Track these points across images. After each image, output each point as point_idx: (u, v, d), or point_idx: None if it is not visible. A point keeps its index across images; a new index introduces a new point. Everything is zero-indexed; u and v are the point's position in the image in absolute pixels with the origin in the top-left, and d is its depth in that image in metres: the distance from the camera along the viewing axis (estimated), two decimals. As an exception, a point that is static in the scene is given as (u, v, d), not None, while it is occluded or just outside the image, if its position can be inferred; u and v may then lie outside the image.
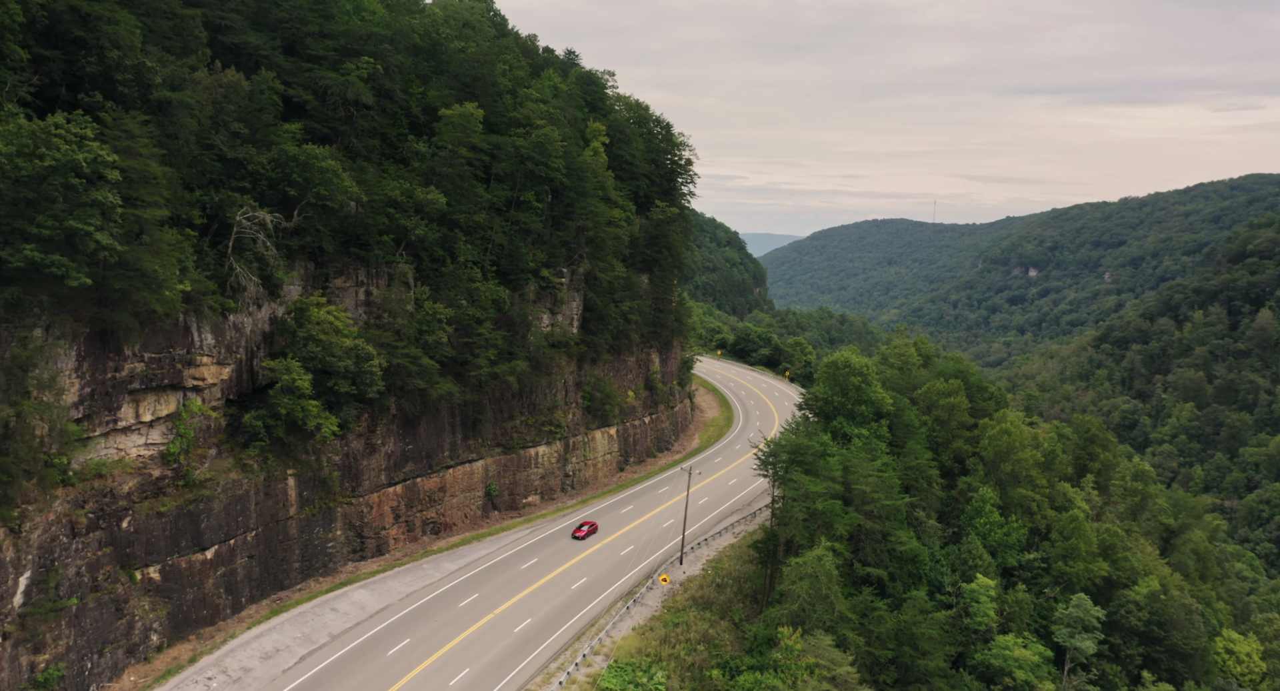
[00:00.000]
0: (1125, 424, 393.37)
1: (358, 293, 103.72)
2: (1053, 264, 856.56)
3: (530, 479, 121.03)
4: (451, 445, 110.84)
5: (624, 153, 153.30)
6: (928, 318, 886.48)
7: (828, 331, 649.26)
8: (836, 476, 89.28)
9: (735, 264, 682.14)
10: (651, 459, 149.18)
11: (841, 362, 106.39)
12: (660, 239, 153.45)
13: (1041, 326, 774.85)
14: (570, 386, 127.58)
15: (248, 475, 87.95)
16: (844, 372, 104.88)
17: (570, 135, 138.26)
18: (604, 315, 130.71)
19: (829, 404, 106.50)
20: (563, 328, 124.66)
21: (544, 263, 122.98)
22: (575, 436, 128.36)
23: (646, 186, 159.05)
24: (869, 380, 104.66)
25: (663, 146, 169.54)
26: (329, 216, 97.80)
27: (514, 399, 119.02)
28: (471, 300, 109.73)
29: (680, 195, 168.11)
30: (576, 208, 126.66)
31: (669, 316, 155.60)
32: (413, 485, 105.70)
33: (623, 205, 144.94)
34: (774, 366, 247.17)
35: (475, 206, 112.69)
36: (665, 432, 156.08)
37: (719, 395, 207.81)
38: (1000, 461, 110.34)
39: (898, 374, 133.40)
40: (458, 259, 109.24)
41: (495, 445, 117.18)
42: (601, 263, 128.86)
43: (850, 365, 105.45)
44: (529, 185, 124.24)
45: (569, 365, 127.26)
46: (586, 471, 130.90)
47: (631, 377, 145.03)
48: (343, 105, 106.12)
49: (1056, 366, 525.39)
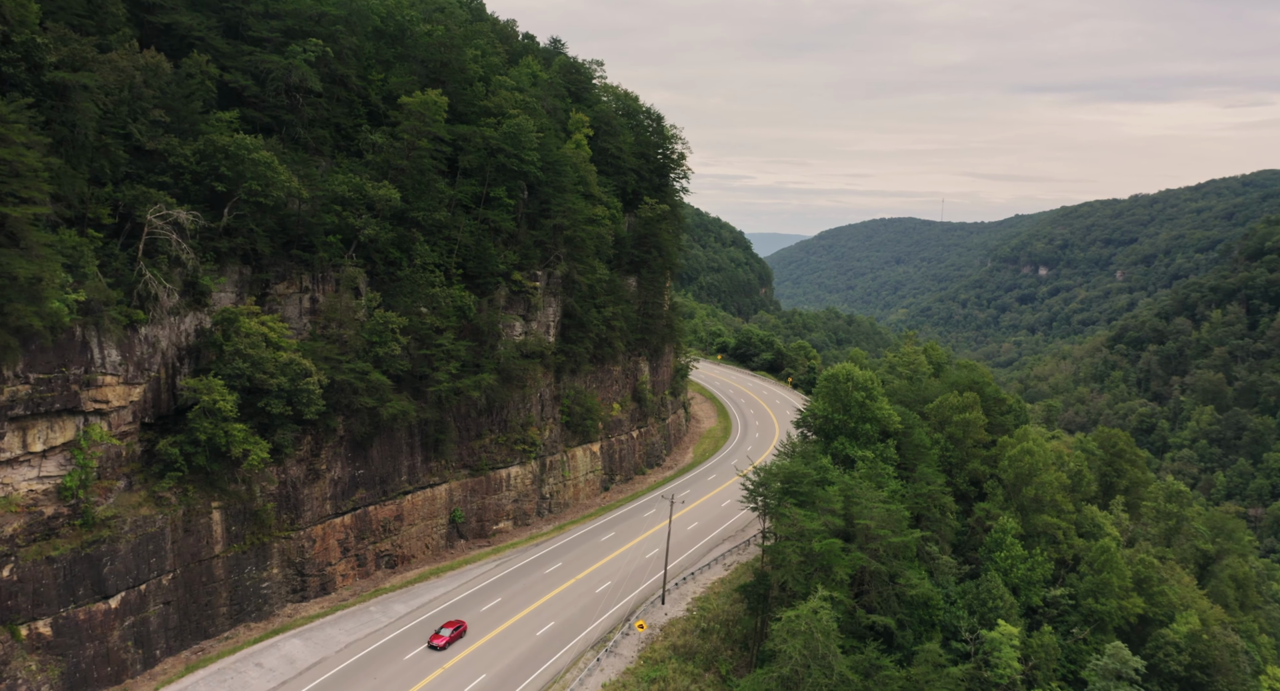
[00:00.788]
0: (1143, 427, 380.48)
1: (302, 300, 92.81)
2: (1063, 262, 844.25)
3: (501, 503, 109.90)
4: (410, 468, 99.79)
5: (610, 146, 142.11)
6: (936, 317, 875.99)
7: (835, 332, 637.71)
8: (836, 509, 78.05)
9: (740, 264, 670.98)
10: (640, 476, 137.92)
11: (843, 375, 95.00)
12: (649, 238, 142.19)
13: (1052, 326, 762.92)
14: (547, 400, 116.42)
15: (163, 510, 77.00)
16: (846, 387, 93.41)
17: (549, 126, 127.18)
18: (584, 322, 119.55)
19: (829, 422, 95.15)
20: (537, 336, 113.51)
21: (516, 265, 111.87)
22: (552, 455, 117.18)
23: (635, 182, 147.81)
24: (874, 395, 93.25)
25: (654, 140, 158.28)
26: (265, 215, 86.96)
27: (482, 415, 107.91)
28: (432, 307, 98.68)
29: (672, 192, 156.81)
30: (553, 204, 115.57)
31: (659, 322, 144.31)
32: (364, 514, 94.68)
33: (607, 202, 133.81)
34: (776, 372, 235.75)
35: (435, 203, 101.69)
36: (656, 447, 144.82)
37: (717, 403, 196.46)
38: (1022, 485, 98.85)
39: (906, 385, 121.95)
40: (415, 262, 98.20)
41: (461, 467, 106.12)
42: (580, 264, 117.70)
43: (853, 378, 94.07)
44: (500, 180, 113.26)
45: (545, 377, 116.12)
46: (566, 493, 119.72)
47: (617, 389, 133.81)
48: (286, 92, 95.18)
49: (1070, 367, 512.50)
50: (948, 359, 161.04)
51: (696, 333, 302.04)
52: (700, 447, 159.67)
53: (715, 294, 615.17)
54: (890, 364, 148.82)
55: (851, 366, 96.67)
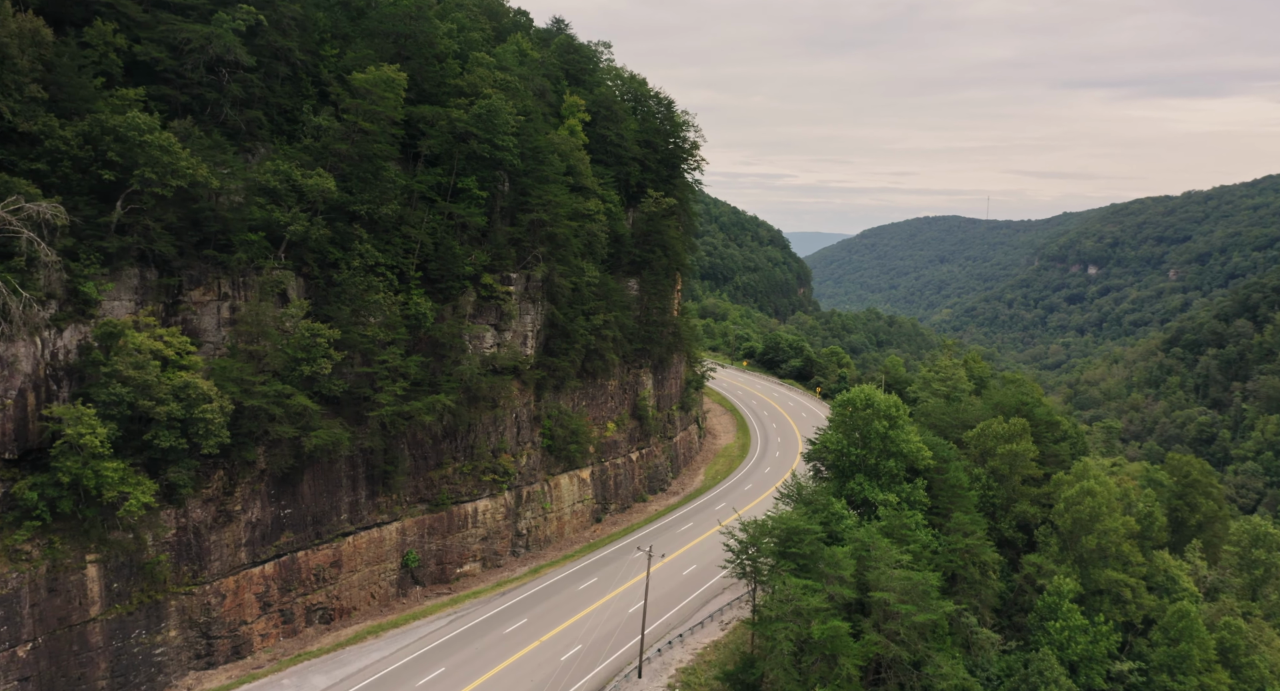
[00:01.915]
0: (1202, 438, 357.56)
1: (220, 309, 78.60)
2: (1113, 261, 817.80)
3: (466, 543, 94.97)
4: (351, 505, 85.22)
5: (609, 133, 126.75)
6: (981, 318, 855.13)
7: (875, 334, 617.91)
8: (846, 576, 62.15)
9: (778, 263, 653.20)
10: (640, 504, 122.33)
11: (861, 401, 78.64)
12: (652, 235, 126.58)
13: (1102, 327, 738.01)
14: (524, 422, 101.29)
15: (19, 566, 63.07)
16: (865, 415, 77.07)
17: (536, 110, 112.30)
18: (569, 331, 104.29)
19: (843, 458, 78.99)
20: (512, 349, 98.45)
21: (487, 266, 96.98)
22: (530, 485, 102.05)
23: (639, 174, 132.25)
24: (899, 424, 76.90)
25: (663, 127, 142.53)
26: (168, 209, 73.02)
27: (443, 441, 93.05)
28: (376, 317, 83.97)
29: (684, 184, 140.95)
30: (532, 196, 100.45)
31: (664, 329, 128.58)
32: (291, 562, 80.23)
33: (603, 195, 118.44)
34: (805, 380, 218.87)
35: (384, 194, 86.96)
36: (660, 470, 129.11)
37: (737, 416, 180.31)
38: (1081, 533, 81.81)
39: (942, 405, 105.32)
40: (354, 263, 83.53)
41: (417, 502, 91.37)
42: (563, 265, 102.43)
43: (873, 404, 77.84)
44: (471, 169, 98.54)
45: (522, 395, 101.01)
46: (547, 528, 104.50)
47: (612, 406, 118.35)
48: (209, 67, 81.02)
49: (1122, 372, 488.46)
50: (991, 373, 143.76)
51: (726, 336, 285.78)
52: (713, 469, 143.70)
53: (751, 294, 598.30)
54: (924, 379, 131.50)
55: (872, 389, 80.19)
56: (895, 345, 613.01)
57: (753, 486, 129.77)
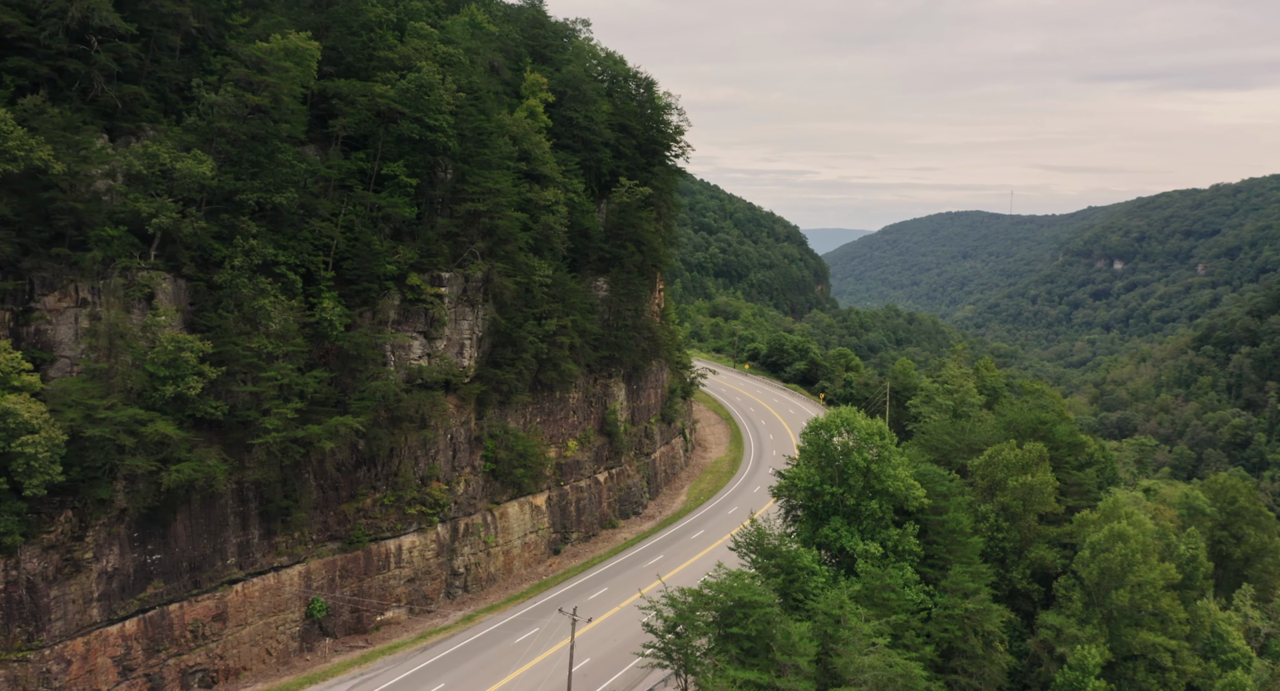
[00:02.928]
0: (1236, 441, 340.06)
1: (78, 318, 65.92)
2: (1139, 255, 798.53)
3: (389, 585, 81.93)
4: (241, 547, 72.34)
5: (577, 115, 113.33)
6: (1005, 314, 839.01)
7: (894, 332, 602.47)
8: (804, 665, 48.53)
9: (794, 260, 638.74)
10: (609, 531, 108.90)
11: (836, 424, 64.65)
12: (624, 229, 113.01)
13: (1129, 323, 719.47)
14: (460, 444, 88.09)
15: None
16: (841, 445, 63.00)
17: (485, 87, 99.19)
18: (515, 338, 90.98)
19: (815, 497, 65.09)
20: (445, 359, 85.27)
21: (415, 265, 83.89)
22: (469, 516, 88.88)
23: (611, 160, 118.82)
24: (886, 456, 62.84)
25: (642, 111, 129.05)
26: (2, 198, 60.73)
27: (357, 469, 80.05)
28: (266, 325, 70.98)
29: (663, 173, 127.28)
30: (469, 183, 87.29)
31: (638, 334, 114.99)
32: (161, 616, 67.44)
33: (565, 183, 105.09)
34: (810, 384, 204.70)
35: (280, 181, 73.94)
36: (634, 492, 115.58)
37: (732, 426, 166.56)
38: (1110, 586, 67.32)
39: (946, 424, 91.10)
40: (235, 262, 70.50)
41: (326, 539, 78.39)
42: (506, 262, 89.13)
43: (854, 427, 63.81)
44: (400, 153, 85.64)
45: (459, 413, 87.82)
46: (491, 564, 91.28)
47: (575, 421, 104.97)
48: (76, 35, 68.45)
49: (1150, 371, 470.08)
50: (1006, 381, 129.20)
51: (734, 336, 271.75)
52: (698, 487, 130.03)
53: (766, 292, 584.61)
54: (927, 393, 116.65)
55: (851, 413, 66.23)
56: (915, 343, 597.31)
57: (738, 509, 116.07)
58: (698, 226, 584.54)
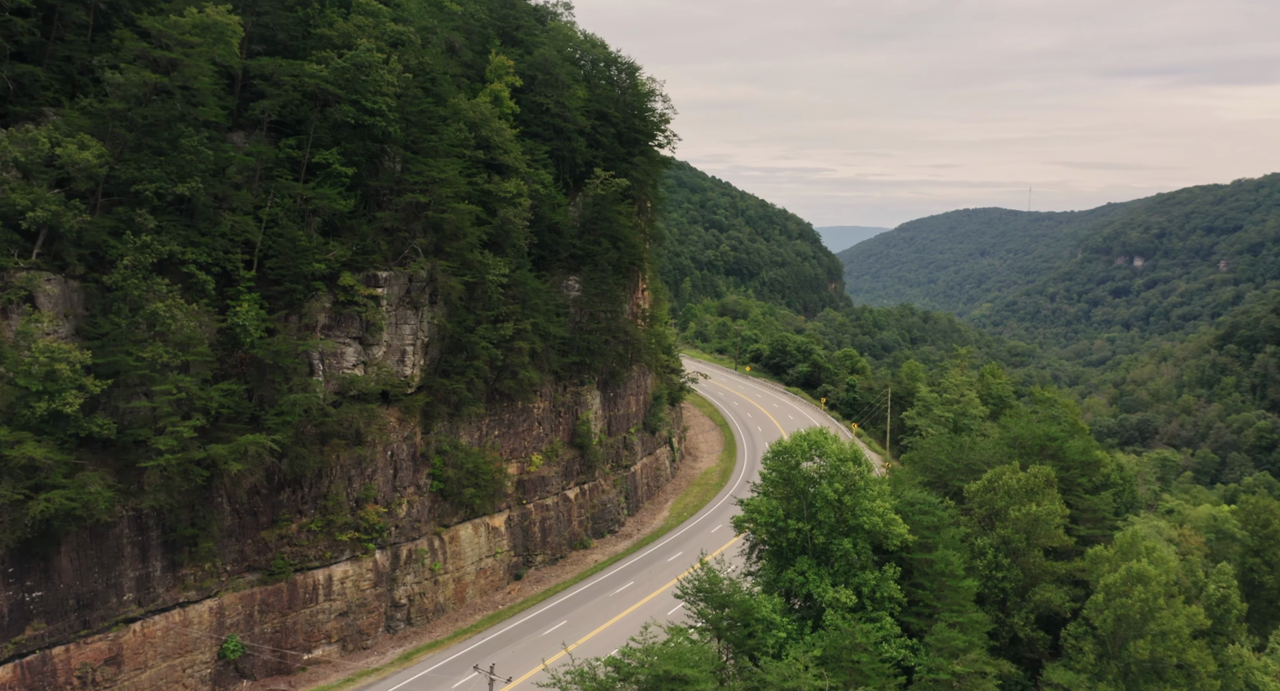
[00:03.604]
0: (1261, 445, 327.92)
1: (-52, 323, 57.92)
2: (1160, 252, 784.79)
3: (317, 621, 73.49)
4: (140, 580, 64.05)
5: (547, 101, 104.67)
6: (1022, 312, 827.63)
7: (909, 330, 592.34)
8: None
9: (807, 258, 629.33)
10: (580, 551, 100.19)
11: (805, 446, 55.36)
12: (598, 224, 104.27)
13: (1149, 321, 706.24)
14: (404, 461, 79.54)
15: None
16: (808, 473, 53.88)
17: (440, 68, 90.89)
18: (465, 344, 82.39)
19: (779, 533, 55.88)
20: (384, 368, 76.76)
21: (349, 263, 75.45)
22: (413, 541, 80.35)
23: (587, 150, 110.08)
24: (861, 487, 53.57)
25: (623, 97, 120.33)
26: None
27: (280, 492, 71.62)
28: (166, 330, 62.65)
29: (645, 164, 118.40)
30: (411, 173, 78.80)
31: (613, 337, 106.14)
32: (42, 661, 59.20)
33: (531, 174, 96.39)
34: (813, 388, 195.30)
35: (183, 170, 65.62)
36: (610, 508, 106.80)
37: (726, 432, 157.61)
38: (1128, 636, 57.82)
39: (944, 439, 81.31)
40: (125, 261, 62.17)
41: (243, 570, 70.00)
42: (451, 260, 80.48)
43: (824, 452, 54.56)
44: (337, 139, 77.38)
45: (402, 427, 79.28)
46: (439, 593, 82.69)
47: (540, 433, 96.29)
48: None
49: (1171, 370, 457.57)
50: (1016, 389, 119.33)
51: (739, 336, 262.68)
52: (683, 502, 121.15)
53: (778, 290, 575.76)
54: (924, 403, 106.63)
55: (820, 435, 56.90)
56: (930, 342, 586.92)
57: (722, 528, 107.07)
58: (708, 224, 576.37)
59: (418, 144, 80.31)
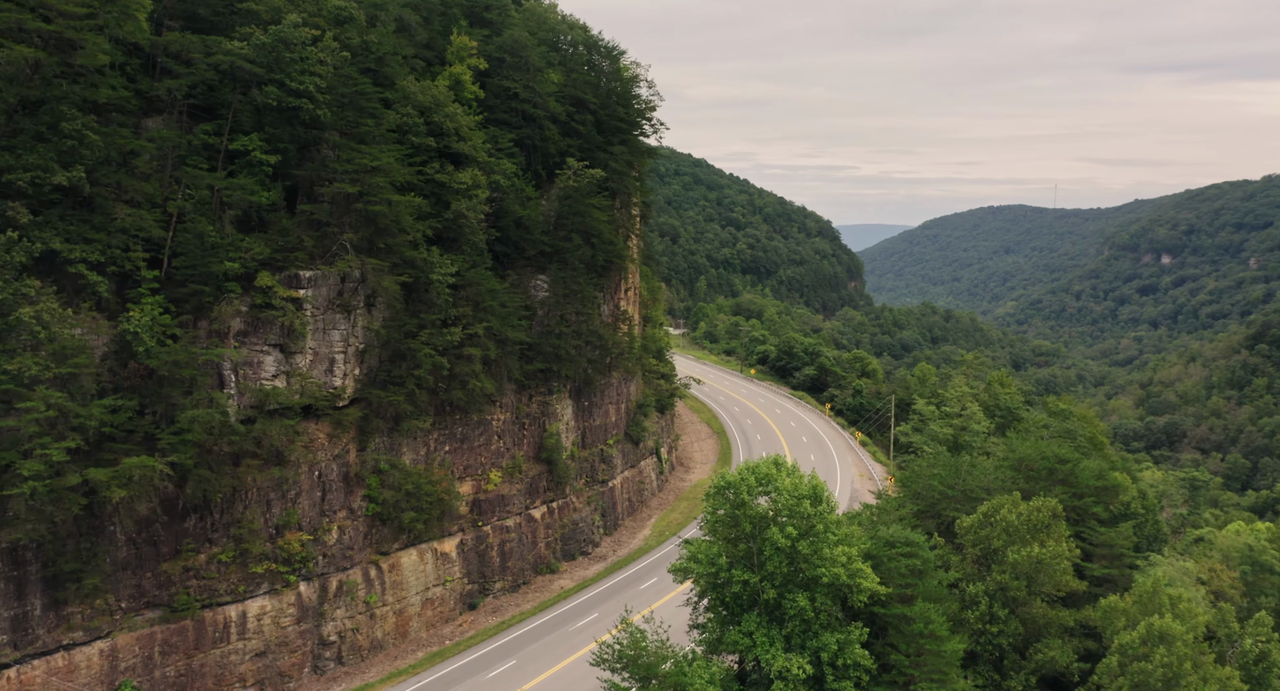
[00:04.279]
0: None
1: None
2: (1188, 249, 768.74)
3: (229, 662, 65.50)
4: (15, 621, 56.29)
5: (515, 85, 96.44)
6: (1048, 310, 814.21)
7: (930, 330, 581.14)
8: None
9: (826, 256, 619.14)
10: (547, 576, 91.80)
11: (753, 480, 46.10)
12: (569, 218, 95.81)
13: (1177, 319, 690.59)
14: (334, 482, 71.47)
15: None
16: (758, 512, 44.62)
17: (389, 47, 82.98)
18: (405, 351, 74.19)
19: (724, 585, 46.88)
20: (310, 379, 68.72)
21: (268, 261, 67.45)
22: (345, 570, 72.29)
23: (560, 139, 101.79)
24: (821, 530, 44.15)
25: (605, 84, 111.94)
26: None
27: (185, 519, 63.66)
28: (35, 339, 54.85)
29: (623, 153, 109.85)
30: (341, 161, 70.73)
31: (587, 341, 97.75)
32: (-118, 724, 51.58)
33: (490, 163, 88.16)
34: (819, 392, 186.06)
35: (62, 158, 57.83)
36: (583, 528, 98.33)
37: (724, 440, 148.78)
38: (1147, 705, 49.38)
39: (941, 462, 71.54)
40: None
41: (142, 607, 62.12)
42: (384, 258, 72.27)
43: (777, 487, 45.37)
44: (262, 123, 69.54)
45: (332, 444, 71.21)
46: (378, 628, 74.54)
47: (500, 448, 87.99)
48: None
49: (1200, 371, 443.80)
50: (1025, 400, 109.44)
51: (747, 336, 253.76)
52: (668, 518, 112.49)
53: (796, 288, 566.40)
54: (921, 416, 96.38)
55: (770, 466, 47.38)
56: (952, 341, 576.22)
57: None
58: (725, 222, 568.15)
59: (351, 129, 72.21)
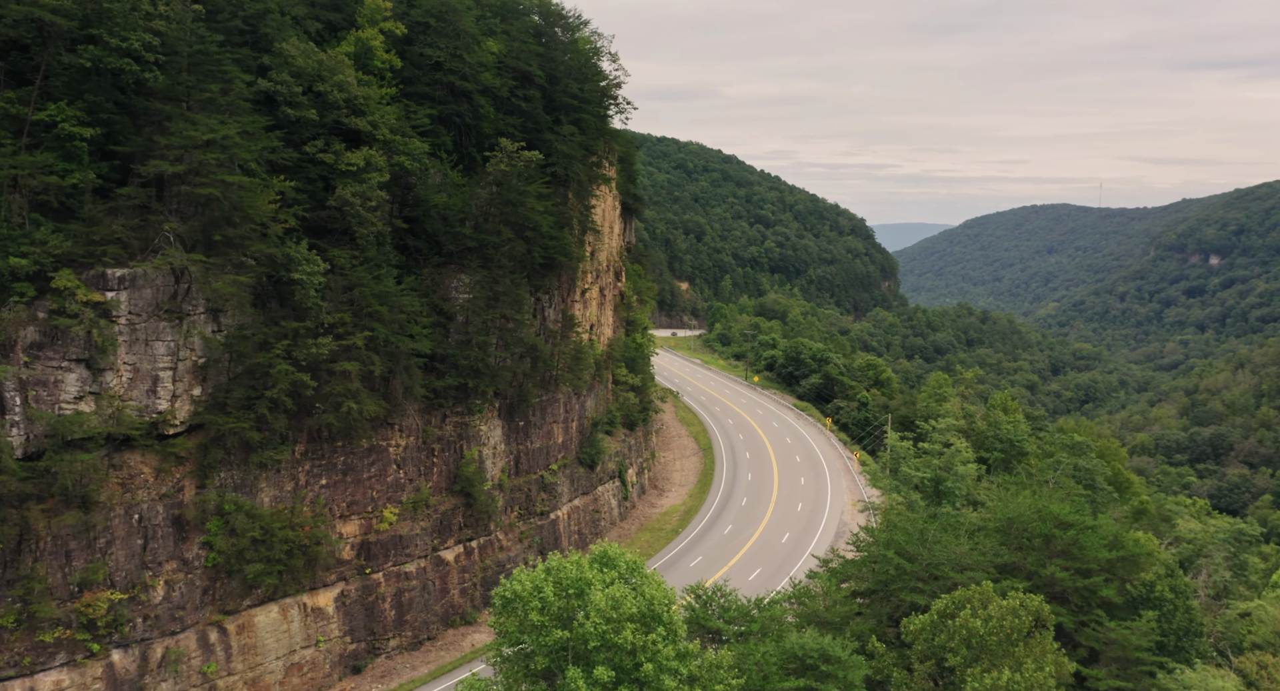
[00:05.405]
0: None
1: None
2: (1238, 250, 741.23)
3: (4, 758, 52.55)
4: None
5: (439, 53, 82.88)
6: (1090, 312, 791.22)
7: (964, 331, 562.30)
8: None
9: (859, 255, 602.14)
10: (458, 630, 77.96)
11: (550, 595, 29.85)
12: (499, 208, 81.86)
13: (1225, 323, 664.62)
14: (159, 526, 58.15)
15: None
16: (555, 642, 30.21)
17: (276, 6, 69.93)
18: (253, 367, 60.73)
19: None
20: (128, 403, 55.52)
21: (67, 257, 54.30)
22: (176, 634, 59.00)
23: (498, 117, 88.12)
24: (650, 678, 29.52)
25: (557, 56, 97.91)
26: None
27: (-63, 581, 50.70)
28: None
29: (581, 136, 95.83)
30: (170, 134, 57.43)
31: (517, 353, 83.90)
32: None
33: (398, 143, 74.49)
34: (826, 402, 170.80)
35: None
36: (512, 569, 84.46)
37: (709, 457, 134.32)
38: None
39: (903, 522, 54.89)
40: None
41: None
42: (224, 254, 58.85)
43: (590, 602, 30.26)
44: (82, 90, 56.73)
45: (160, 481, 57.95)
46: (221, 704, 61.22)
47: (402, 479, 74.33)
48: None
49: (1249, 378, 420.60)
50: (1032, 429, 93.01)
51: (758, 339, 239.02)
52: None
53: (827, 288, 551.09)
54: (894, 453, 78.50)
55: (578, 569, 31.62)
56: (988, 344, 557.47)
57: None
58: (754, 219, 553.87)
59: (192, 97, 58.96)
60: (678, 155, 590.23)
